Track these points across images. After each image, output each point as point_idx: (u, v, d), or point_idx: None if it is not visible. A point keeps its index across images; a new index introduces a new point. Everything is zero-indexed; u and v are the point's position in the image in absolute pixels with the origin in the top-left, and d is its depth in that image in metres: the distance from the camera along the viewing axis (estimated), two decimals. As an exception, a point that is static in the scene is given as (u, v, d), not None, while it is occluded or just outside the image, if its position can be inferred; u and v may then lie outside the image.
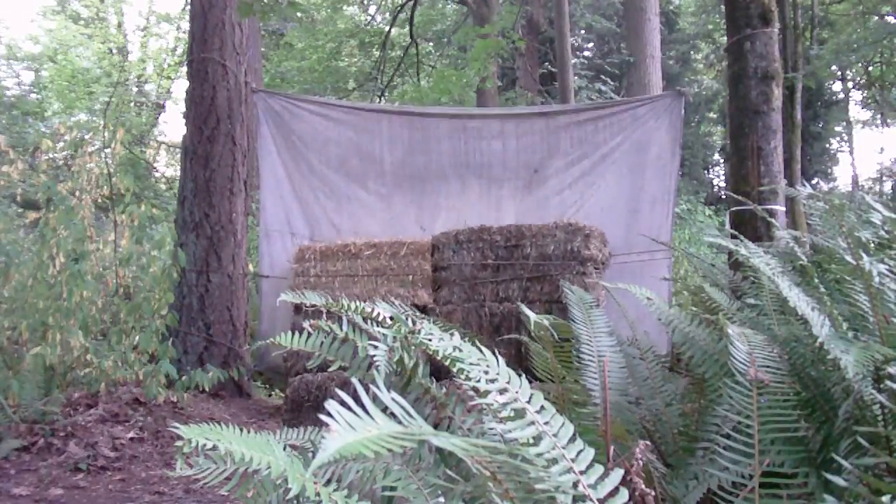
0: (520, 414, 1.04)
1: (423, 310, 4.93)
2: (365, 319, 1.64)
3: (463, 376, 1.13)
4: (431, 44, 16.63)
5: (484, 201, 5.47)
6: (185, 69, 7.71)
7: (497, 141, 5.44)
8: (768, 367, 1.43)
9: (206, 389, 4.49)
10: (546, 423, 1.04)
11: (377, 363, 1.39)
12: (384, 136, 5.43)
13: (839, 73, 16.78)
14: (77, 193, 4.49)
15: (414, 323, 1.55)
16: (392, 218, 5.41)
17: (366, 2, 18.61)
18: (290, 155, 5.31)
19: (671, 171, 5.27)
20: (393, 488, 1.15)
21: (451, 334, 1.27)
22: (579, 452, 1.02)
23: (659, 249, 4.96)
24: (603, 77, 13.58)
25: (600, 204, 5.36)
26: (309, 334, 1.60)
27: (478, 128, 5.47)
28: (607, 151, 5.35)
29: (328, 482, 1.16)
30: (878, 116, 21.11)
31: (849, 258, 1.64)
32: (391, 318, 1.62)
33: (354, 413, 0.87)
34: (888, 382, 1.28)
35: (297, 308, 4.81)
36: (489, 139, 5.45)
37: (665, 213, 5.26)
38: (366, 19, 16.93)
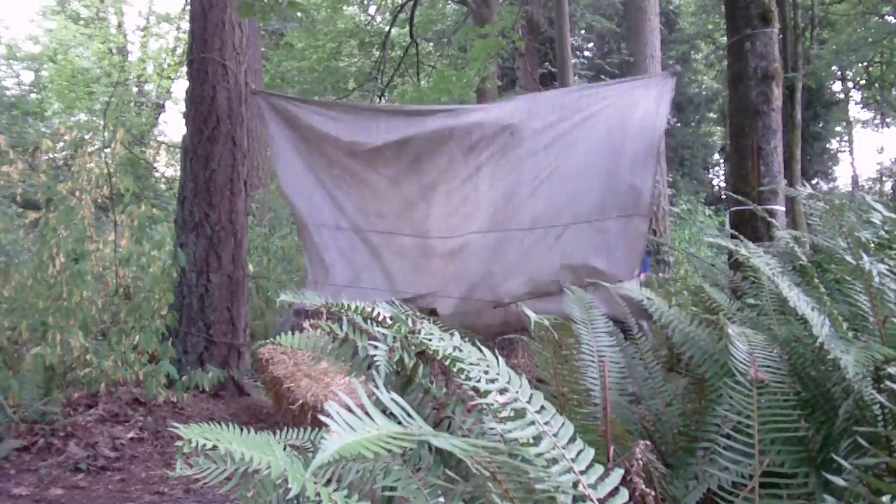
0: (520, 414, 1.04)
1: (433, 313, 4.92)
2: (365, 319, 1.64)
3: (463, 376, 1.13)
4: (431, 44, 16.62)
5: (462, 169, 5.32)
6: (185, 69, 7.70)
7: (480, 112, 5.40)
8: (768, 367, 1.43)
9: (206, 389, 4.49)
10: (546, 423, 1.04)
11: (377, 363, 1.39)
12: (381, 126, 5.40)
13: (839, 73, 16.77)
14: (77, 193, 4.49)
15: (414, 323, 1.55)
16: (403, 198, 5.35)
17: (366, 2, 18.60)
18: (301, 149, 5.25)
19: (655, 135, 5.05)
20: (393, 488, 1.15)
21: (451, 334, 1.27)
22: (579, 452, 1.02)
23: (636, 213, 4.84)
24: (603, 77, 13.57)
25: (575, 165, 5.14)
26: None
27: (466, 111, 5.48)
28: (588, 115, 5.16)
29: (328, 482, 1.16)
30: (878, 116, 21.11)
31: (849, 258, 1.64)
32: (391, 318, 1.62)
33: (354, 414, 0.87)
34: (888, 382, 1.28)
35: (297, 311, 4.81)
36: (472, 111, 5.43)
37: (646, 174, 4.98)
38: (366, 19, 16.93)
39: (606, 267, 4.93)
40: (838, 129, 19.75)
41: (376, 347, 1.44)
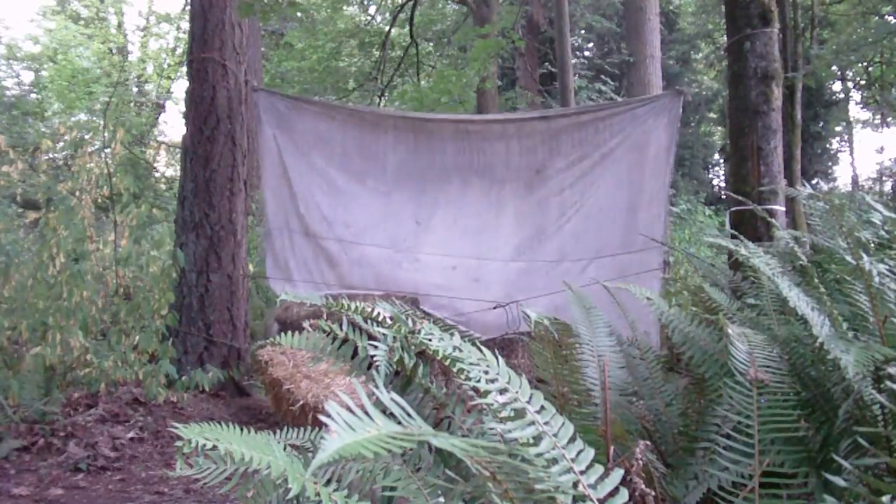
0: (520, 414, 1.04)
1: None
2: (365, 319, 1.64)
3: (463, 376, 1.13)
4: (431, 44, 16.62)
5: (483, 200, 5.47)
6: (185, 69, 7.69)
7: (500, 142, 5.46)
8: (768, 367, 1.43)
9: (206, 389, 4.49)
10: (546, 423, 1.04)
11: (377, 363, 1.39)
12: (389, 138, 5.45)
13: (839, 73, 16.76)
14: (77, 193, 4.49)
15: (414, 323, 1.55)
16: (388, 213, 5.41)
17: (366, 2, 18.60)
18: (290, 152, 5.30)
19: (666, 169, 5.30)
20: (393, 488, 1.15)
21: (451, 334, 1.27)
22: (579, 452, 1.02)
23: (653, 247, 5.02)
24: (603, 77, 13.57)
25: (599, 203, 5.37)
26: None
27: (480, 130, 5.50)
28: (607, 151, 5.36)
29: (328, 482, 1.16)
30: (878, 116, 21.10)
31: (849, 258, 1.64)
32: (391, 318, 1.62)
33: (354, 414, 0.87)
34: (888, 382, 1.28)
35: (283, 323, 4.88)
36: (492, 140, 5.47)
37: (659, 209, 5.28)
38: (366, 19, 16.92)
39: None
40: (838, 129, 19.73)
41: (376, 347, 1.44)
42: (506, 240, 5.44)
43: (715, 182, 20.50)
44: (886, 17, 13.31)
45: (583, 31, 16.04)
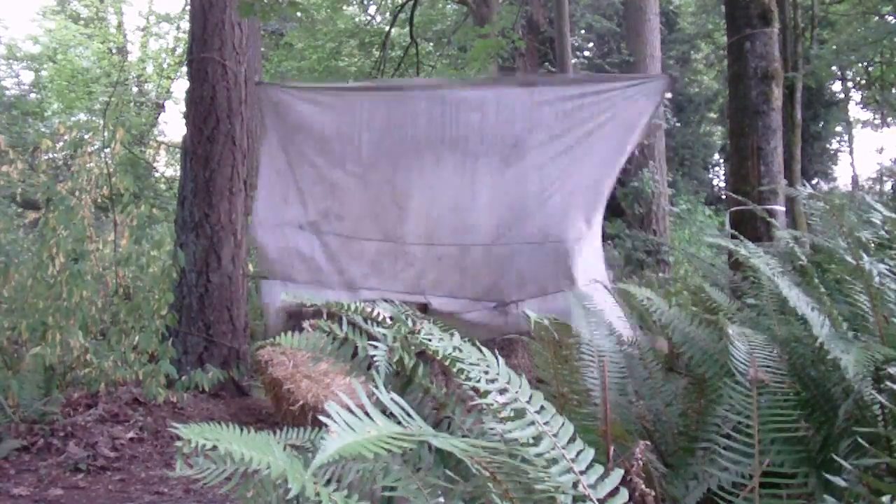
0: (520, 414, 1.04)
1: (424, 310, 4.93)
2: (365, 319, 1.64)
3: (463, 376, 1.13)
4: (431, 44, 16.61)
5: (458, 176, 5.20)
6: (185, 69, 7.69)
7: (476, 113, 5.15)
8: (768, 367, 1.43)
9: (206, 389, 4.49)
10: (546, 423, 1.04)
11: (377, 363, 1.39)
12: (363, 116, 5.18)
13: (839, 73, 16.76)
14: (77, 193, 4.49)
15: (414, 323, 1.55)
16: (371, 199, 5.23)
17: (366, 2, 18.60)
18: (288, 144, 5.21)
19: (632, 142, 5.21)
20: (393, 488, 1.15)
21: (451, 334, 1.27)
22: (579, 452, 1.02)
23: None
24: (603, 77, 13.54)
25: (584, 181, 5.18)
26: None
27: (457, 100, 5.20)
28: (594, 127, 5.11)
29: (328, 482, 1.16)
30: (878, 116, 21.09)
31: (849, 258, 1.64)
32: (391, 318, 1.62)
33: (354, 414, 0.87)
34: (888, 382, 1.28)
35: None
36: (467, 111, 5.16)
37: (607, 186, 5.29)
38: (366, 19, 16.92)
39: (604, 273, 5.19)
40: (838, 129, 19.71)
41: (376, 347, 1.44)
42: (483, 219, 5.21)
43: (715, 182, 20.49)
44: (886, 17, 13.31)
45: (583, 31, 16.02)
